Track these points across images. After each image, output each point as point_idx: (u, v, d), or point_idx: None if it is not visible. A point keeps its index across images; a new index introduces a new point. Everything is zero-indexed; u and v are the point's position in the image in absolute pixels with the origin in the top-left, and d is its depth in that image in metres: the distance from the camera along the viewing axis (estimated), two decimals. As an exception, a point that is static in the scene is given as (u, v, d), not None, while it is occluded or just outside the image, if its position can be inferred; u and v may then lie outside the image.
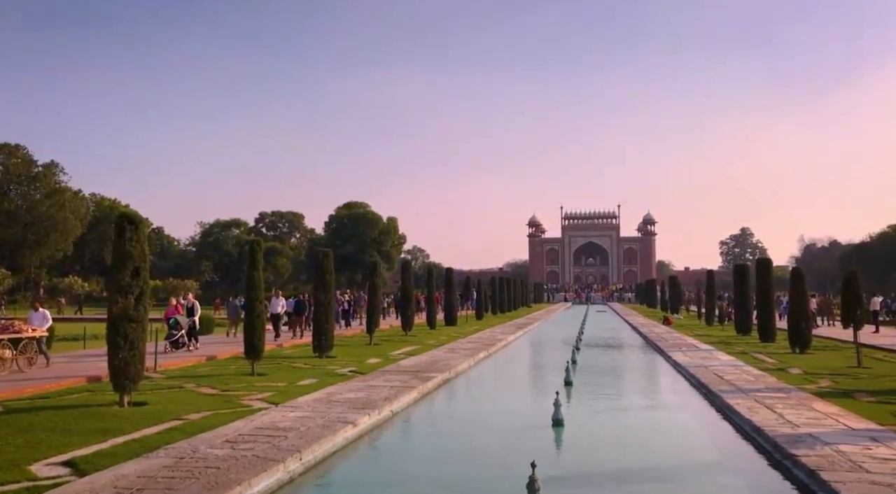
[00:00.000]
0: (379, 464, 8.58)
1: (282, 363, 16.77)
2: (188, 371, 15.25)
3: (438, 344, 22.73)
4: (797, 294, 20.22)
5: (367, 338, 23.09)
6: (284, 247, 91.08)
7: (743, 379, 13.95)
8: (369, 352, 19.49)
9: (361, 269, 72.69)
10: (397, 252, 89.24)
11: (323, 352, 18.03)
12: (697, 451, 9.22)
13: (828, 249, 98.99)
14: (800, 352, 19.08)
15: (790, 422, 9.25)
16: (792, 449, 7.71)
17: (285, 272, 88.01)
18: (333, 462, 8.12)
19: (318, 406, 10.55)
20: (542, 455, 7.75)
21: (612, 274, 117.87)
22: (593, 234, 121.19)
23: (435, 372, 14.92)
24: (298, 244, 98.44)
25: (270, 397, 11.46)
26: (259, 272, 14.83)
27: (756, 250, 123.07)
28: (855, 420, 9.34)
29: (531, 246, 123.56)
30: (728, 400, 11.30)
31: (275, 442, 7.93)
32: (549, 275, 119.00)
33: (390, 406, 10.96)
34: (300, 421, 9.23)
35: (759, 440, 8.85)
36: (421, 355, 18.83)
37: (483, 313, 43.58)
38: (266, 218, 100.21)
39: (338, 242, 78.59)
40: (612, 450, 9.11)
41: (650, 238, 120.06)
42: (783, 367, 15.91)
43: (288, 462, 7.25)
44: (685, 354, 19.52)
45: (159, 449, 7.60)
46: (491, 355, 21.05)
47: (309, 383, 13.21)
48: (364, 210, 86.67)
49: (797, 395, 11.70)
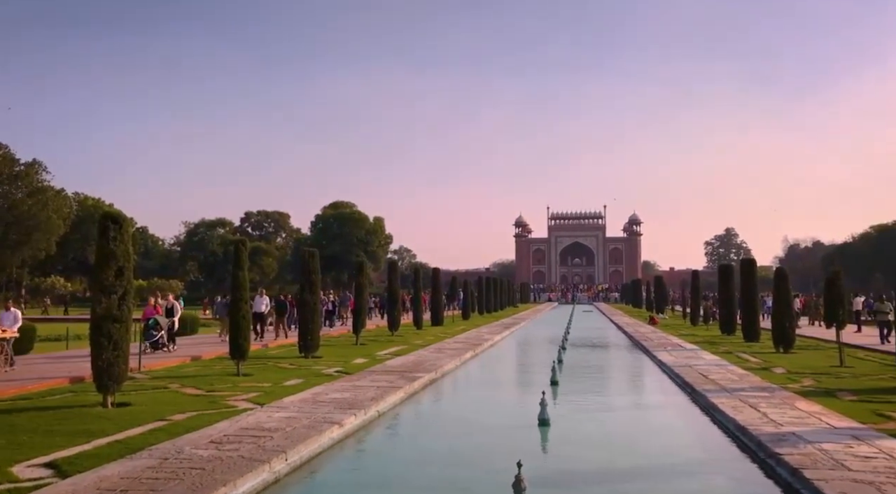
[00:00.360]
0: (365, 465, 8.56)
1: (267, 363, 16.69)
2: (173, 371, 15.15)
3: (425, 344, 22.72)
4: (781, 294, 20.40)
5: (354, 338, 23.03)
6: (270, 246, 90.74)
7: (727, 378, 14.05)
8: (356, 352, 19.45)
9: (348, 269, 72.55)
10: (384, 252, 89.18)
11: (309, 353, 17.96)
12: (683, 450, 9.27)
13: (811, 250, 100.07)
14: (784, 352, 19.24)
15: (774, 421, 9.33)
16: (775, 448, 7.77)
17: (271, 272, 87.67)
18: (319, 463, 8.09)
19: (303, 406, 10.51)
20: (529, 455, 7.75)
21: (598, 274, 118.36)
22: (579, 235, 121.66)
23: (421, 372, 14.91)
24: (284, 244, 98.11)
25: (256, 397, 11.40)
26: (244, 272, 14.75)
27: (741, 250, 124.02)
28: (837, 419, 9.43)
29: (518, 246, 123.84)
30: (713, 400, 11.38)
31: (260, 443, 7.89)
32: (536, 275, 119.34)
33: (376, 406, 10.94)
34: (286, 422, 9.19)
35: (743, 439, 8.91)
36: (407, 355, 18.81)
37: (470, 313, 43.63)
38: (252, 217, 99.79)
39: (324, 242, 78.40)
40: (598, 450, 9.14)
41: (636, 238, 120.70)
42: (767, 367, 16.04)
43: (273, 463, 7.21)
44: (670, 354, 19.63)
45: (143, 450, 7.54)
46: (477, 355, 21.07)
47: (295, 383, 13.16)
48: (351, 210, 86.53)
49: (781, 394, 11.80)
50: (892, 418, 9.58)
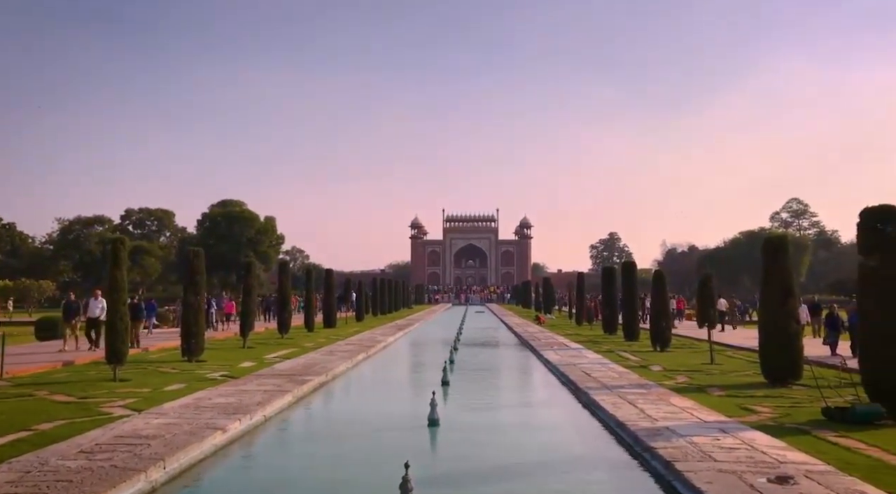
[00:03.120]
0: (250, 471, 8.31)
1: (147, 368, 15.91)
2: (41, 377, 14.15)
3: (316, 346, 22.36)
4: (658, 295, 21.54)
5: (241, 342, 22.35)
6: (153, 246, 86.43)
7: (608, 376, 14.68)
8: (243, 356, 18.88)
9: (236, 270, 70.21)
10: (275, 252, 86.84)
11: (193, 356, 17.27)
12: (565, 446, 9.59)
13: (687, 254, 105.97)
14: (660, 350, 20.33)
15: (650, 417, 9.83)
16: (651, 442, 8.19)
17: (154, 272, 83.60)
18: (201, 470, 7.77)
19: (185, 412, 10.08)
20: (417, 456, 7.81)
21: (491, 276, 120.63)
22: (473, 237, 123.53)
23: (311, 375, 14.65)
24: (169, 243, 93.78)
25: (133, 403, 10.84)
26: (122, 271, 14.04)
27: (623, 254, 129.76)
28: (707, 414, 10.07)
29: (413, 247, 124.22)
30: (594, 397, 11.86)
31: (136, 451, 7.49)
32: (431, 277, 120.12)
33: (263, 410, 10.65)
34: (165, 428, 8.78)
35: (621, 434, 9.34)
36: (297, 358, 18.45)
37: (363, 315, 43.37)
38: (133, 215, 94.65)
39: (211, 241, 75.37)
40: (485, 448, 9.30)
41: (526, 241, 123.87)
42: (645, 365, 16.89)
43: (150, 472, 6.86)
44: (556, 353, 20.28)
45: (2, 464, 6.98)
46: (370, 356, 20.95)
47: (176, 388, 12.61)
48: (240, 208, 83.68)
49: (657, 391, 12.46)
50: (755, 411, 10.33)
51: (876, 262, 9.76)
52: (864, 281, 10.00)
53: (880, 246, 9.79)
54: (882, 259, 9.71)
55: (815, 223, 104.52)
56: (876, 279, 9.75)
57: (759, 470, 6.82)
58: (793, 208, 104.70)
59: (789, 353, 12.95)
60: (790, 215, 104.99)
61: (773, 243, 13.76)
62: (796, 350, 13.04)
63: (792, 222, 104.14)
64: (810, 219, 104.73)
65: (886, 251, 9.71)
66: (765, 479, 6.51)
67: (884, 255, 9.71)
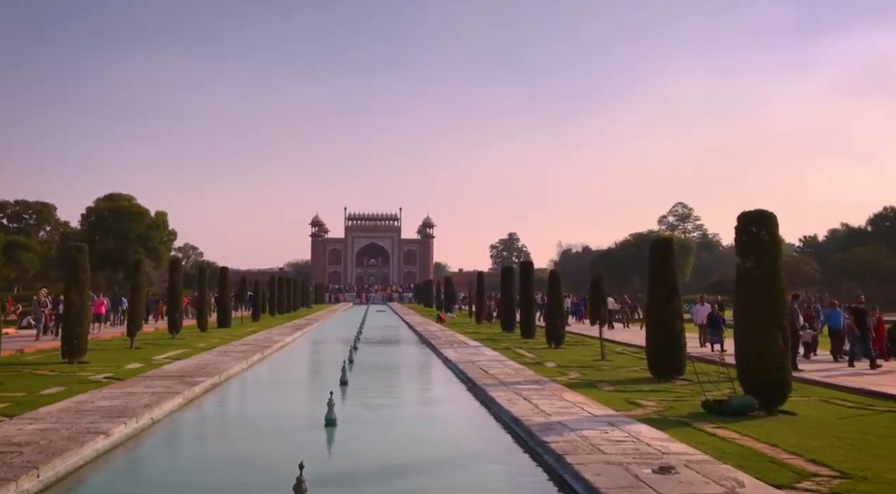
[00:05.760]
0: (134, 476, 7.92)
1: (22, 370, 14.90)
2: None
3: (209, 347, 21.61)
4: (553, 293, 22.21)
5: (129, 342, 21.27)
6: (31, 241, 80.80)
7: (505, 372, 14.99)
8: (130, 357, 18.00)
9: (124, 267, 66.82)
10: (167, 249, 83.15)
11: (74, 358, 16.30)
12: (461, 443, 9.71)
13: (581, 254, 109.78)
14: (555, 347, 20.97)
15: (543, 412, 10.11)
16: (543, 437, 8.43)
17: (31, 269, 78.17)
18: (80, 477, 7.34)
19: (63, 416, 9.49)
20: (313, 456, 7.71)
21: (393, 275, 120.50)
22: (376, 236, 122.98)
23: (203, 377, 14.15)
24: (49, 238, 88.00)
25: (5, 408, 10.12)
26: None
27: (521, 254, 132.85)
28: (597, 408, 10.47)
29: (314, 246, 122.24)
30: (491, 393, 12.08)
31: (6, 459, 6.99)
32: (332, 276, 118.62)
33: (151, 413, 10.19)
34: (40, 434, 8.24)
35: (516, 429, 9.56)
36: (189, 359, 17.76)
37: (260, 314, 42.29)
38: (8, 207, 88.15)
39: (97, 237, 71.33)
40: (382, 447, 9.28)
41: (429, 240, 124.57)
42: (540, 361, 17.37)
43: (21, 481, 6.42)
44: (455, 350, 20.51)
45: None
46: (266, 357, 20.45)
47: (55, 391, 11.87)
48: (129, 203, 79.60)
49: (550, 387, 12.84)
50: (641, 405, 10.84)
51: (751, 263, 10.46)
52: (740, 281, 10.67)
53: (755, 248, 10.49)
54: (757, 260, 10.41)
55: (698, 226, 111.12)
56: (750, 279, 10.44)
57: (644, 462, 7.16)
58: (679, 212, 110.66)
59: (673, 350, 13.66)
60: (676, 218, 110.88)
61: (660, 245, 14.47)
62: (680, 346, 13.77)
63: (678, 225, 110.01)
64: (694, 223, 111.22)
65: (760, 253, 10.43)
66: (649, 470, 6.85)
67: (758, 257, 10.42)
